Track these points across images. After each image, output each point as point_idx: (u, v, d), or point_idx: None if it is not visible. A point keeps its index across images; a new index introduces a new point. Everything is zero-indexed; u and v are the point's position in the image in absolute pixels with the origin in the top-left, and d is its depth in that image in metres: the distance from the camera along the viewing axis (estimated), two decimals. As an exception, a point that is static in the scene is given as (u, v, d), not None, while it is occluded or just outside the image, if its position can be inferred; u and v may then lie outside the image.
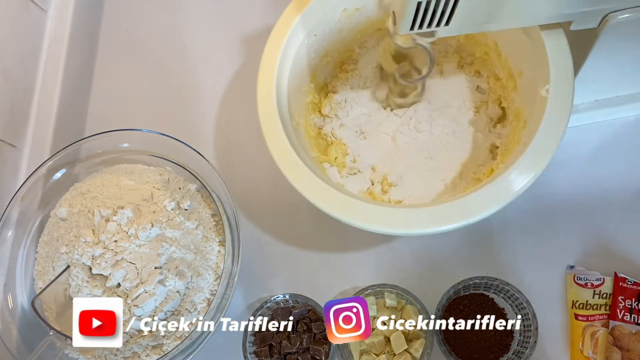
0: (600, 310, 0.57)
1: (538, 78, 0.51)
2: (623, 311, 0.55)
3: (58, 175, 0.60)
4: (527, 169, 0.48)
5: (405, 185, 0.60)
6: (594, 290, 0.57)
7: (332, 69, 0.65)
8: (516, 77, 0.56)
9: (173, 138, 0.58)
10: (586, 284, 0.58)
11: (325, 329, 0.57)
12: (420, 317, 0.57)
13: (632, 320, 0.55)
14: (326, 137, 0.64)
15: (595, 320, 0.56)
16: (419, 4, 0.43)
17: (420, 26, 0.46)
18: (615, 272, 0.57)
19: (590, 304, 0.57)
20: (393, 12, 0.46)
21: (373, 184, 0.61)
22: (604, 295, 0.57)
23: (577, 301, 0.57)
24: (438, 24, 0.46)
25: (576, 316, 0.57)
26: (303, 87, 0.61)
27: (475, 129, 0.61)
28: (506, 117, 0.60)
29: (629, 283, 0.56)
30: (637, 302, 0.56)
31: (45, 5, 0.72)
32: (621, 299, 0.56)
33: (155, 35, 0.77)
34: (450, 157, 0.61)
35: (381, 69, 0.66)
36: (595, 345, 0.55)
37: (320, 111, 0.65)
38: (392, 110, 0.64)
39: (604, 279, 0.57)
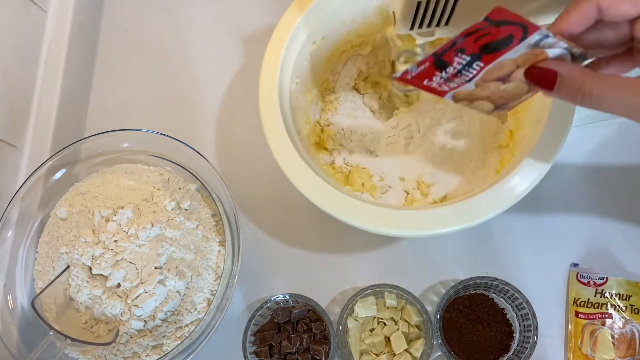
0: (601, 309, 0.57)
1: None
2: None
3: (58, 175, 0.60)
4: (530, 171, 0.48)
5: (441, 180, 0.60)
6: (596, 289, 0.57)
7: (317, 105, 0.65)
8: None
9: (173, 138, 0.58)
10: (589, 282, 0.58)
11: (325, 329, 0.57)
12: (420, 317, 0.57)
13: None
14: (341, 169, 0.63)
15: (595, 318, 0.56)
16: (419, 3, 0.43)
17: (420, 26, 0.46)
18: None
19: (591, 302, 0.57)
20: (393, 12, 0.46)
21: (409, 193, 0.61)
22: (606, 295, 0.57)
23: (579, 299, 0.57)
24: (438, 24, 0.46)
25: (577, 313, 0.57)
26: (303, 132, 0.60)
27: None
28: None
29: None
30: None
31: (45, 5, 0.72)
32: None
33: (155, 35, 0.77)
34: (466, 136, 0.61)
35: (355, 87, 0.66)
36: (594, 343, 0.55)
37: (325, 148, 0.64)
38: (389, 117, 0.64)
39: (607, 278, 0.57)
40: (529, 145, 0.49)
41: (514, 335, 0.57)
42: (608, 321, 0.56)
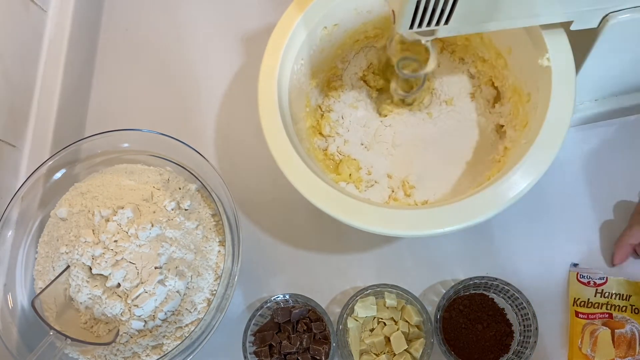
0: (601, 309, 0.57)
1: (533, 50, 0.51)
2: None
3: (58, 175, 0.60)
4: (527, 172, 0.48)
5: (426, 184, 0.60)
6: (596, 289, 0.57)
7: (321, 90, 0.65)
8: (504, 54, 0.56)
9: (173, 138, 0.58)
10: (589, 282, 0.58)
11: (325, 329, 0.57)
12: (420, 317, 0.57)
13: None
14: (333, 156, 0.64)
15: (595, 318, 0.56)
16: (418, 2, 0.43)
17: (420, 25, 0.46)
18: None
19: (591, 302, 0.57)
20: (393, 11, 0.46)
21: (393, 191, 0.61)
22: (606, 295, 0.57)
23: (579, 299, 0.57)
24: (437, 23, 0.46)
25: (577, 313, 0.57)
26: (300, 114, 0.60)
27: (476, 114, 0.62)
28: (502, 95, 0.60)
29: None
30: None
31: (45, 5, 0.72)
32: None
33: (155, 35, 0.77)
34: (461, 146, 0.61)
35: (363, 79, 0.66)
36: (594, 343, 0.55)
37: (321, 133, 0.65)
38: (389, 113, 0.64)
39: (607, 278, 0.57)
40: (519, 160, 0.48)
41: (513, 335, 0.57)
42: (608, 321, 0.56)
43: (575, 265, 0.59)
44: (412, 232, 0.48)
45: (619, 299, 0.57)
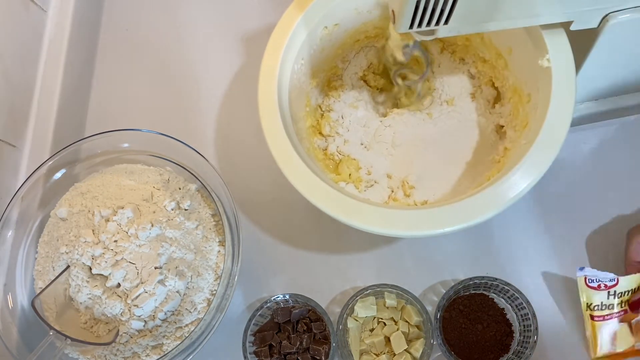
0: (616, 308, 0.55)
1: (533, 50, 0.51)
2: None
3: (58, 175, 0.60)
4: (527, 173, 0.47)
5: (426, 184, 0.60)
6: (609, 292, 0.55)
7: (321, 90, 0.65)
8: (505, 55, 0.56)
9: (173, 138, 0.58)
10: (599, 286, 0.55)
11: (325, 329, 0.57)
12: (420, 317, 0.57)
13: None
14: (333, 156, 0.64)
15: (612, 318, 0.55)
16: (418, 2, 0.43)
17: (420, 25, 0.46)
18: None
19: (605, 305, 0.55)
20: (392, 11, 0.46)
21: (393, 191, 0.61)
22: (619, 295, 0.55)
23: (591, 304, 0.55)
24: (437, 23, 0.46)
25: (592, 317, 0.55)
26: (300, 114, 0.60)
27: (476, 114, 0.62)
28: (503, 96, 0.60)
29: None
30: None
31: (45, 5, 0.72)
32: None
33: (155, 35, 0.77)
34: (461, 146, 0.61)
35: (363, 78, 0.66)
36: (615, 338, 0.54)
37: (321, 132, 0.65)
38: (389, 113, 0.64)
39: (617, 279, 0.55)
40: (519, 160, 0.48)
41: (513, 335, 0.57)
42: (625, 316, 0.55)
43: (582, 269, 0.57)
44: (412, 232, 0.48)
45: (633, 292, 0.55)
